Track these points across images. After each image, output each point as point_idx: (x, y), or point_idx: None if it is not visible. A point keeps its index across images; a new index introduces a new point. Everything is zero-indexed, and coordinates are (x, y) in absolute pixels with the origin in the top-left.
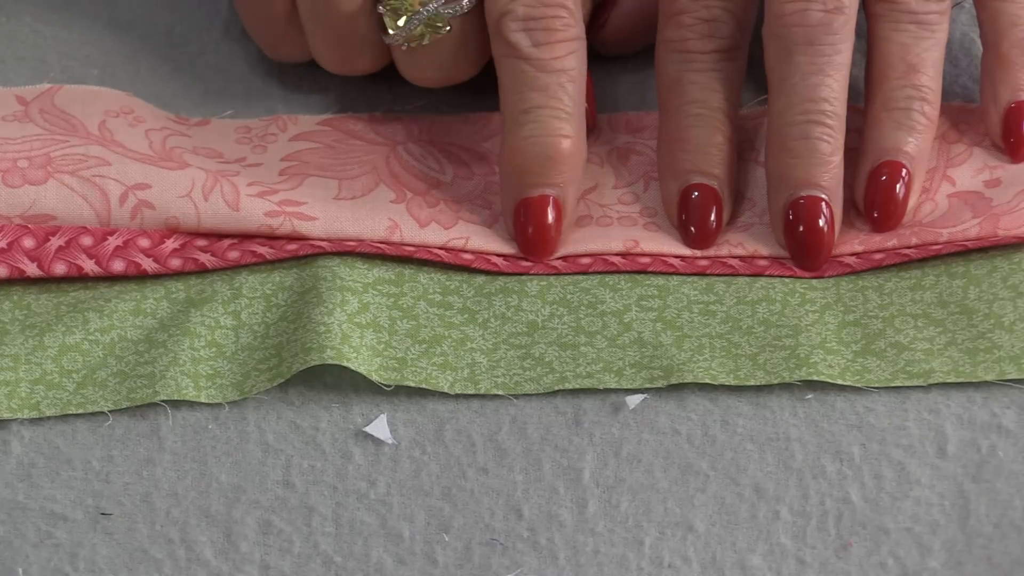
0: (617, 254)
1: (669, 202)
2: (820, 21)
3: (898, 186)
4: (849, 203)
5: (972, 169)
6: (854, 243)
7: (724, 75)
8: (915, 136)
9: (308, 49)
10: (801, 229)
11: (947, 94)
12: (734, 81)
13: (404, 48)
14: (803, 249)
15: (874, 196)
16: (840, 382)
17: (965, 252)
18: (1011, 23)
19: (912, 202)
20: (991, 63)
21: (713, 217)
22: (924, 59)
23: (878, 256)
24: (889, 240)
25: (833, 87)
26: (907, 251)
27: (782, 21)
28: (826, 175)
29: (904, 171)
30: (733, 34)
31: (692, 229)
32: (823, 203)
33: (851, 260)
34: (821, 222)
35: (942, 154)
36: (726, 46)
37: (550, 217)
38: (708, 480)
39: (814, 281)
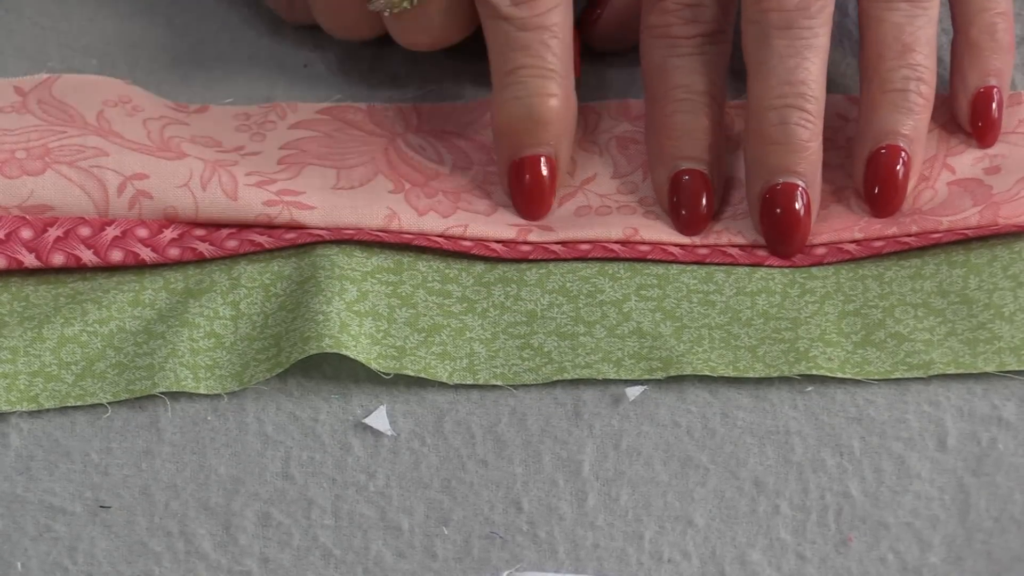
0: (617, 241)
1: (659, 189)
2: (797, 6)
3: (898, 168)
4: (848, 189)
5: (972, 158)
6: (854, 230)
7: (709, 59)
8: (913, 118)
9: None
10: (778, 212)
11: (944, 83)
12: (719, 65)
13: (387, 14)
14: (779, 235)
15: (874, 179)
16: (840, 375)
17: (965, 241)
18: (981, 8)
19: (912, 183)
20: (960, 48)
21: (704, 201)
22: (918, 38)
23: (878, 244)
24: (889, 228)
25: (811, 70)
26: (907, 239)
27: (759, 6)
28: (803, 162)
29: (903, 153)
30: (716, 17)
31: (683, 213)
32: (799, 190)
33: (851, 247)
34: (797, 206)
35: (941, 143)
36: (710, 30)
37: (544, 174)
38: (708, 474)
39: (814, 270)
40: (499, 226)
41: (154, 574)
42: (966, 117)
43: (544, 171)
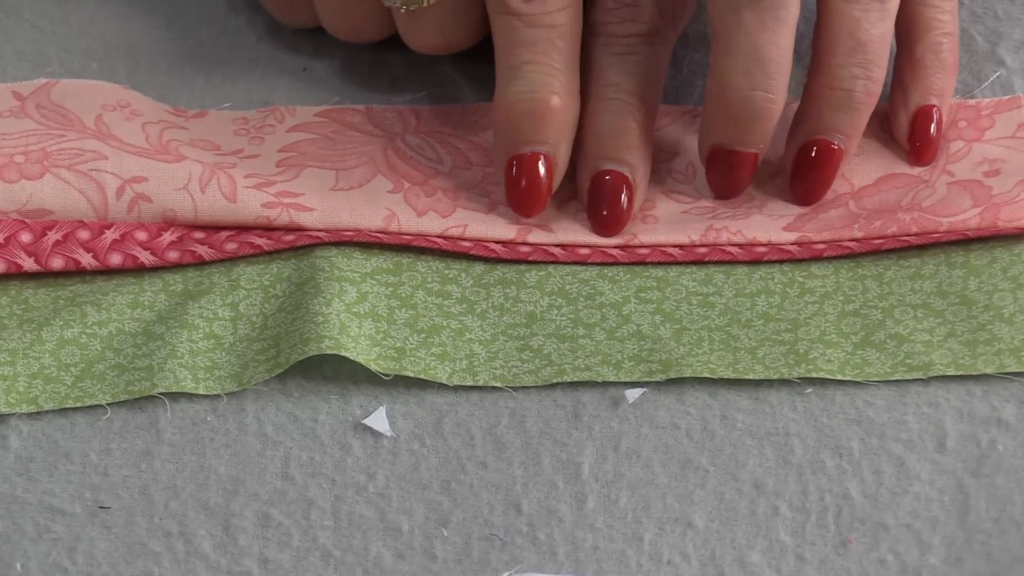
0: (616, 246)
1: (580, 188)
2: None
3: (826, 166)
4: (847, 194)
5: (971, 163)
6: (853, 228)
7: (641, 59)
8: (854, 115)
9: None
10: (723, 177)
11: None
12: (653, 65)
13: (403, 12)
14: (721, 191)
15: (803, 172)
16: (840, 377)
17: (965, 242)
18: (927, 27)
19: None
20: (903, 65)
21: (624, 202)
22: (872, 35)
23: (878, 241)
24: (889, 227)
25: (780, 44)
26: (907, 238)
27: None
28: (759, 135)
29: (836, 148)
30: (653, 19)
31: (604, 213)
32: (752, 157)
33: (851, 244)
34: (742, 174)
35: (941, 153)
36: (645, 30)
37: (541, 173)
38: (707, 475)
39: (813, 268)
40: (498, 225)
41: (154, 575)
42: (904, 134)
43: (541, 169)
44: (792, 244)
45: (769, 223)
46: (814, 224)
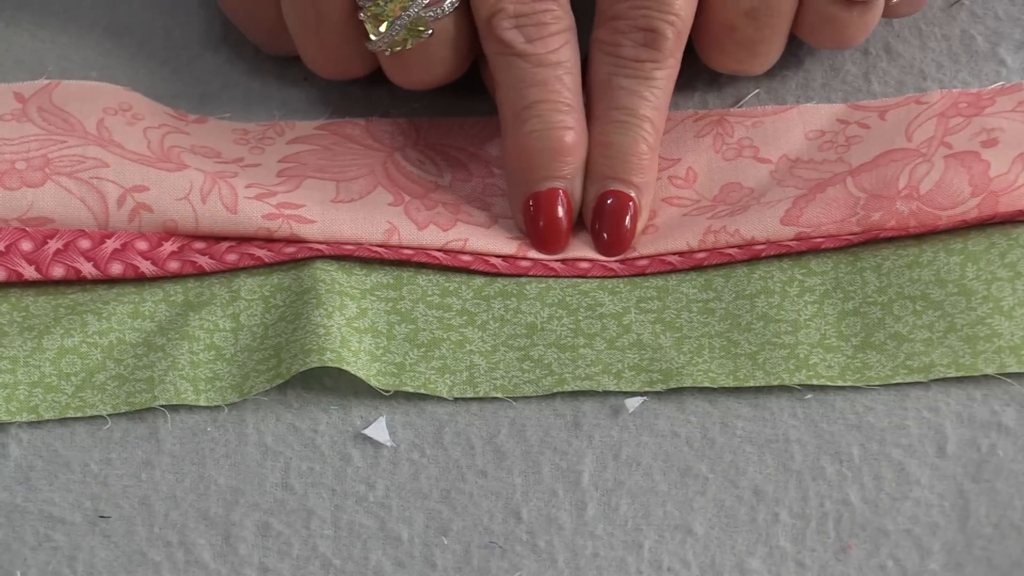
0: (616, 260)
1: (586, 206)
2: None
3: (627, 218)
4: (841, 185)
5: (969, 134)
6: (852, 221)
7: (654, 83)
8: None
9: None
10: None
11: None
12: (664, 89)
13: (388, 54)
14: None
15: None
16: (840, 383)
17: (963, 230)
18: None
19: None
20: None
21: (628, 223)
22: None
23: (876, 231)
24: (888, 221)
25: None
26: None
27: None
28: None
29: (631, 203)
30: (666, 45)
31: (605, 236)
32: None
33: (850, 237)
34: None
35: (940, 126)
36: (659, 57)
37: (560, 210)
38: (707, 483)
39: (812, 263)
40: (499, 240)
41: None
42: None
43: (560, 208)
44: (791, 240)
45: (767, 213)
46: (813, 208)
